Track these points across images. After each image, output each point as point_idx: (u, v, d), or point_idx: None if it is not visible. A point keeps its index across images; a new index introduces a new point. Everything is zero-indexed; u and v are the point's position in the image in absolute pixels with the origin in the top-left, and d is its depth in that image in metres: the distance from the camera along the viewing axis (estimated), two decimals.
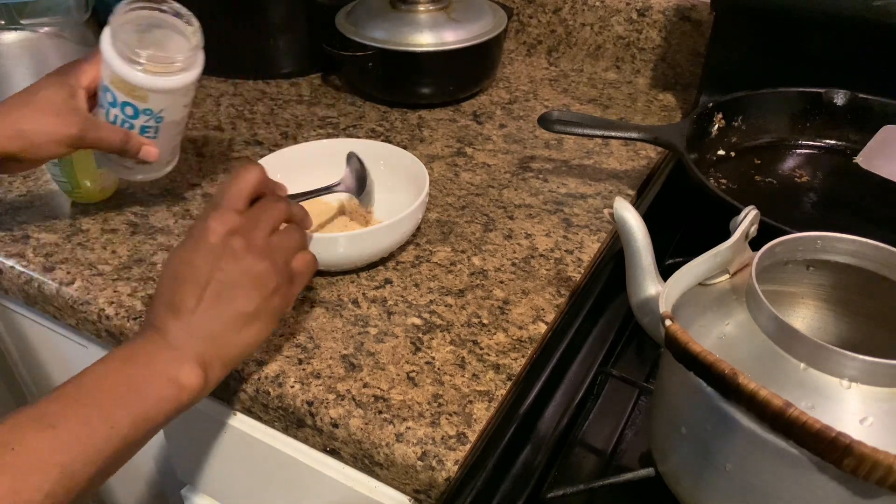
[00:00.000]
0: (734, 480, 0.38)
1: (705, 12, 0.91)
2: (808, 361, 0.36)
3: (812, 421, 0.32)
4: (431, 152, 0.81)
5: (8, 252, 0.65)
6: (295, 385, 0.52)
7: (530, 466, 0.49)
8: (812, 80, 0.76)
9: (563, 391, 0.54)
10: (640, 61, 0.99)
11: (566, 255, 0.65)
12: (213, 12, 0.97)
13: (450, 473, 0.47)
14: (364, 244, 0.60)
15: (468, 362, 0.54)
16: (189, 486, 0.72)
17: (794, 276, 0.45)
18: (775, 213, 0.55)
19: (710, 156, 0.76)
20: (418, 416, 0.50)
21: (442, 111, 0.91)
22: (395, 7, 0.89)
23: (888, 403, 0.35)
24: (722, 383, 0.35)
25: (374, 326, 0.57)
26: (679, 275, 0.42)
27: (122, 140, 0.60)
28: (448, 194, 0.74)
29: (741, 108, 0.77)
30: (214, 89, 0.95)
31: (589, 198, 0.74)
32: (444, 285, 0.62)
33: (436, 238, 0.67)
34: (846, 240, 0.42)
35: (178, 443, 0.68)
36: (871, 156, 0.70)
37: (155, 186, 0.74)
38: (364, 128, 0.87)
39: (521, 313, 0.59)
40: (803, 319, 0.47)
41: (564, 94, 0.96)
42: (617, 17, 0.97)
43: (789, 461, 0.35)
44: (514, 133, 0.86)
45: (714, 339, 0.40)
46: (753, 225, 0.45)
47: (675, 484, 0.44)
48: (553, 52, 1.05)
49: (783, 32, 0.79)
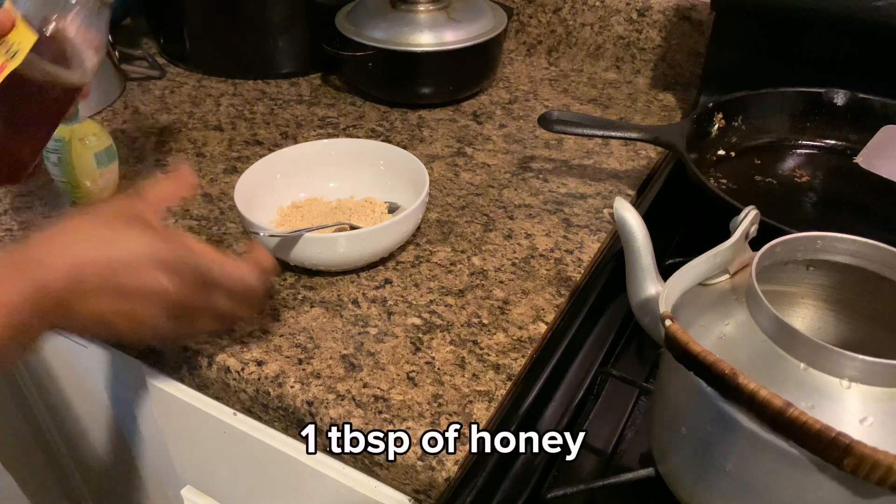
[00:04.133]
0: (734, 480, 0.38)
1: (705, 12, 0.91)
2: (808, 361, 0.36)
3: (812, 421, 0.32)
4: (431, 152, 0.81)
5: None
6: (295, 385, 0.52)
7: (530, 466, 0.49)
8: (812, 80, 0.76)
9: (563, 391, 0.54)
10: (640, 61, 0.99)
11: (566, 255, 0.65)
12: (213, 12, 0.97)
13: (450, 473, 0.47)
14: (364, 244, 0.60)
15: (468, 362, 0.54)
16: (189, 486, 0.72)
17: (794, 276, 0.45)
18: (775, 213, 0.55)
19: (710, 156, 0.76)
20: (418, 416, 0.50)
21: (442, 111, 0.91)
22: (395, 7, 0.89)
23: (888, 403, 0.35)
24: (722, 383, 0.35)
25: (374, 326, 0.57)
26: (679, 275, 0.42)
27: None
28: (448, 194, 0.74)
29: (741, 108, 0.77)
30: (214, 89, 0.95)
31: (589, 198, 0.74)
32: (444, 285, 0.62)
33: (436, 238, 0.67)
34: (846, 240, 0.42)
35: (178, 443, 0.68)
36: (871, 156, 0.70)
37: None
38: (364, 128, 0.87)
39: (521, 313, 0.59)
40: (803, 319, 0.47)
41: (564, 94, 0.96)
42: (617, 17, 0.97)
43: (789, 461, 0.35)
44: (514, 133, 0.86)
45: (714, 339, 0.40)
46: (753, 225, 0.45)
47: (675, 484, 0.44)
48: (553, 52, 1.05)
49: (783, 32, 0.79)
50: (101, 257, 0.44)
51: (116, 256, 0.44)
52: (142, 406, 0.72)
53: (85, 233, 0.45)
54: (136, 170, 0.77)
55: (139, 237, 0.45)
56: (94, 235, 0.45)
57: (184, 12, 0.97)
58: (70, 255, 0.44)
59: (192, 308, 0.48)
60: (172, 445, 0.69)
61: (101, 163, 0.69)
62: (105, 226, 0.46)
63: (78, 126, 0.68)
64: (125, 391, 0.71)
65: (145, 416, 0.73)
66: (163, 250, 0.45)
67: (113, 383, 0.72)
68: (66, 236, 0.45)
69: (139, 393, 0.70)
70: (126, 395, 0.72)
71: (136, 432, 0.78)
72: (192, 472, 0.71)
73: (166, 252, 0.45)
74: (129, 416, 0.76)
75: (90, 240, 0.45)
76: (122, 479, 0.90)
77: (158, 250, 0.45)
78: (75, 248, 0.44)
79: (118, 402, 0.75)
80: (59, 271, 0.43)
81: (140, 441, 0.79)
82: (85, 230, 0.45)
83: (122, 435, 0.81)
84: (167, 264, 0.45)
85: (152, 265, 0.45)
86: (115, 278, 0.44)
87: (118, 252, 0.45)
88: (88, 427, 0.86)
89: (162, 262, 0.45)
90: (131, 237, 0.45)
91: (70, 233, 0.45)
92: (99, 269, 0.44)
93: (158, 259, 0.45)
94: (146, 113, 0.89)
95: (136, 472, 0.85)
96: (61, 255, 0.43)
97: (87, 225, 0.46)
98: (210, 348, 0.55)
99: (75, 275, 0.43)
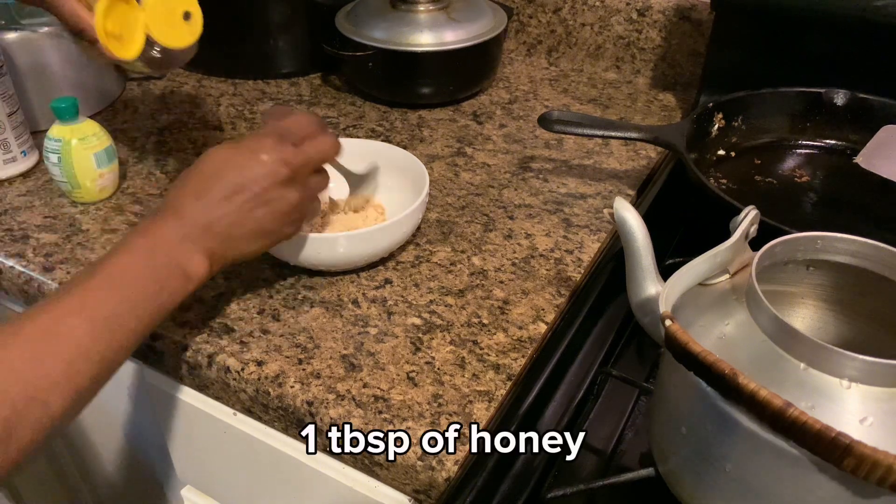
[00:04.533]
0: (734, 480, 0.38)
1: (705, 12, 0.91)
2: (808, 361, 0.36)
3: (812, 421, 0.32)
4: (431, 152, 0.81)
5: (8, 252, 0.65)
6: (295, 385, 0.52)
7: (530, 466, 0.49)
8: (812, 80, 0.76)
9: (563, 391, 0.54)
10: (640, 61, 0.99)
11: (566, 255, 0.65)
12: (213, 12, 0.97)
13: (450, 473, 0.47)
14: (364, 244, 0.60)
15: (468, 362, 0.54)
16: (189, 486, 0.72)
17: (794, 276, 0.45)
18: (775, 213, 0.55)
19: (710, 156, 0.76)
20: (418, 416, 0.50)
21: (442, 111, 0.91)
22: (395, 7, 0.89)
23: (888, 403, 0.35)
24: (722, 383, 0.35)
25: (374, 326, 0.57)
26: (679, 275, 0.42)
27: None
28: (448, 194, 0.74)
29: (741, 108, 0.77)
30: (214, 89, 0.95)
31: (589, 198, 0.74)
32: (444, 285, 0.62)
33: (436, 238, 0.67)
34: (846, 240, 0.42)
35: (178, 443, 0.68)
36: (871, 156, 0.70)
37: (154, 186, 0.74)
38: (364, 128, 0.87)
39: (521, 313, 0.59)
40: (803, 319, 0.47)
41: (564, 94, 0.96)
42: (617, 17, 0.97)
43: (789, 461, 0.35)
44: (514, 133, 0.86)
45: (714, 339, 0.40)
46: (753, 225, 0.45)
47: (675, 484, 0.44)
48: (553, 52, 1.05)
49: (783, 32, 0.79)
50: (201, 169, 0.51)
51: (250, 189, 0.50)
52: (142, 406, 0.72)
53: (218, 170, 0.51)
54: (137, 170, 0.77)
55: (260, 165, 0.51)
56: (226, 169, 0.51)
57: None
58: (212, 212, 0.49)
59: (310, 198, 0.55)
60: (172, 445, 0.69)
61: (101, 163, 0.69)
62: (236, 156, 0.51)
63: (78, 126, 0.68)
64: (125, 391, 0.71)
65: (145, 416, 0.73)
66: (281, 168, 0.51)
67: (113, 383, 0.72)
68: (202, 184, 0.50)
69: (139, 393, 0.70)
70: (126, 396, 0.72)
71: (136, 432, 0.78)
72: (192, 472, 0.71)
73: (284, 169, 0.51)
74: (129, 416, 0.76)
75: (223, 179, 0.50)
76: (122, 479, 0.90)
77: (279, 170, 0.51)
78: (214, 202, 0.50)
79: (118, 402, 0.75)
80: (218, 228, 0.49)
81: (140, 441, 0.79)
82: (217, 168, 0.51)
83: (122, 435, 0.81)
84: (286, 178, 0.51)
85: (277, 185, 0.51)
86: (252, 212, 0.50)
87: (250, 180, 0.50)
88: (88, 427, 0.86)
89: (283, 179, 0.51)
90: (255, 167, 0.51)
91: (207, 176, 0.51)
92: (237, 211, 0.50)
93: (282, 178, 0.51)
94: (146, 113, 0.89)
95: (136, 472, 0.85)
96: (208, 212, 0.49)
97: (220, 161, 0.51)
98: (210, 348, 0.55)
99: (226, 226, 0.50)
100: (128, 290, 0.46)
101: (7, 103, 0.73)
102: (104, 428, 0.83)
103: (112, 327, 0.44)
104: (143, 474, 0.85)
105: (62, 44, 0.82)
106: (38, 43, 0.80)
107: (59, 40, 0.82)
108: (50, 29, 0.81)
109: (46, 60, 0.82)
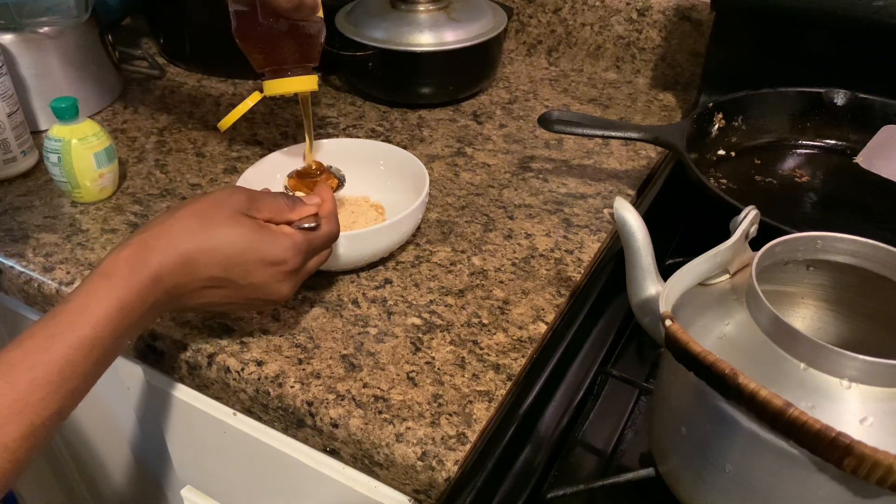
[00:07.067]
0: (734, 480, 0.38)
1: (705, 12, 0.91)
2: (808, 361, 0.36)
3: (812, 421, 0.32)
4: (431, 152, 0.81)
5: (8, 252, 0.65)
6: (295, 385, 0.52)
7: (530, 466, 0.49)
8: (812, 80, 0.76)
9: (563, 391, 0.54)
10: (640, 61, 0.99)
11: (566, 255, 0.65)
12: (213, 12, 0.97)
13: (450, 473, 0.47)
14: (364, 244, 0.60)
15: (468, 362, 0.54)
16: (189, 486, 0.72)
17: (794, 276, 0.45)
18: (775, 213, 0.55)
19: (710, 156, 0.76)
20: (418, 416, 0.50)
21: (442, 111, 0.91)
22: (395, 7, 0.89)
23: (888, 403, 0.35)
24: (722, 383, 0.35)
25: (374, 326, 0.57)
26: (679, 275, 0.42)
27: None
28: (448, 194, 0.74)
29: (741, 108, 0.77)
30: (214, 89, 0.95)
31: (589, 198, 0.74)
32: (444, 285, 0.62)
33: (436, 238, 0.67)
34: (846, 240, 0.42)
35: (178, 443, 0.68)
36: (871, 156, 0.70)
37: (154, 186, 0.74)
38: (364, 128, 0.87)
39: (521, 313, 0.59)
40: (803, 319, 0.47)
41: (564, 94, 0.96)
42: (617, 16, 0.97)
43: (789, 461, 0.35)
44: (514, 133, 0.86)
45: (714, 339, 0.40)
46: (753, 225, 0.45)
47: (675, 484, 0.44)
48: (553, 52, 1.05)
49: (783, 32, 0.79)
50: (212, 250, 0.47)
51: (228, 252, 0.47)
52: (142, 406, 0.72)
53: (196, 223, 0.47)
54: (137, 170, 0.77)
55: (250, 233, 0.48)
56: (205, 227, 0.47)
57: (184, 12, 0.97)
58: (182, 250, 0.46)
59: (298, 281, 0.52)
60: (172, 445, 0.69)
61: (101, 163, 0.69)
62: (212, 218, 0.48)
63: (78, 126, 0.68)
64: (125, 391, 0.71)
65: (145, 416, 0.73)
66: (270, 249, 0.48)
67: (112, 383, 0.72)
68: (176, 226, 0.47)
69: (139, 393, 0.70)
70: (126, 395, 0.72)
71: (136, 432, 0.78)
72: (192, 472, 0.71)
73: (273, 249, 0.48)
74: (129, 416, 0.76)
75: (201, 232, 0.47)
76: (122, 479, 0.90)
77: (267, 249, 0.48)
78: (186, 240, 0.46)
79: (118, 402, 0.75)
80: (173, 267, 0.45)
81: (140, 441, 0.79)
82: (194, 221, 0.47)
83: (122, 435, 0.81)
84: (274, 259, 0.48)
85: (262, 262, 0.48)
86: (226, 274, 0.47)
87: (229, 247, 0.47)
88: (88, 427, 0.86)
89: (269, 260, 0.48)
90: (241, 232, 0.47)
91: (184, 221, 0.47)
92: (210, 263, 0.46)
93: (270, 259, 0.48)
94: (146, 113, 0.89)
95: (135, 472, 0.85)
96: (173, 248, 0.45)
97: (197, 214, 0.48)
98: (210, 348, 0.55)
99: (188, 270, 0.46)
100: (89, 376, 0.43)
101: (7, 103, 0.73)
102: (104, 428, 0.83)
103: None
104: (142, 474, 0.85)
105: (62, 44, 0.82)
106: (38, 43, 0.80)
107: (59, 40, 0.82)
108: (50, 29, 0.81)
109: (46, 60, 0.82)
